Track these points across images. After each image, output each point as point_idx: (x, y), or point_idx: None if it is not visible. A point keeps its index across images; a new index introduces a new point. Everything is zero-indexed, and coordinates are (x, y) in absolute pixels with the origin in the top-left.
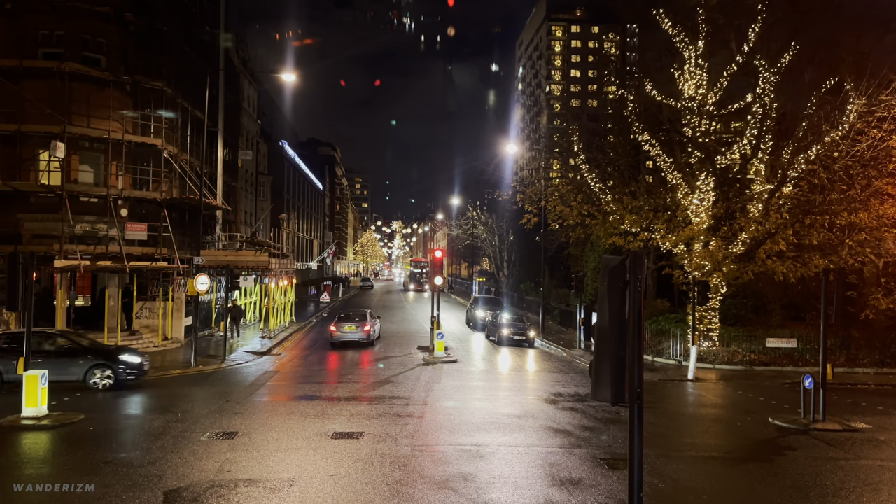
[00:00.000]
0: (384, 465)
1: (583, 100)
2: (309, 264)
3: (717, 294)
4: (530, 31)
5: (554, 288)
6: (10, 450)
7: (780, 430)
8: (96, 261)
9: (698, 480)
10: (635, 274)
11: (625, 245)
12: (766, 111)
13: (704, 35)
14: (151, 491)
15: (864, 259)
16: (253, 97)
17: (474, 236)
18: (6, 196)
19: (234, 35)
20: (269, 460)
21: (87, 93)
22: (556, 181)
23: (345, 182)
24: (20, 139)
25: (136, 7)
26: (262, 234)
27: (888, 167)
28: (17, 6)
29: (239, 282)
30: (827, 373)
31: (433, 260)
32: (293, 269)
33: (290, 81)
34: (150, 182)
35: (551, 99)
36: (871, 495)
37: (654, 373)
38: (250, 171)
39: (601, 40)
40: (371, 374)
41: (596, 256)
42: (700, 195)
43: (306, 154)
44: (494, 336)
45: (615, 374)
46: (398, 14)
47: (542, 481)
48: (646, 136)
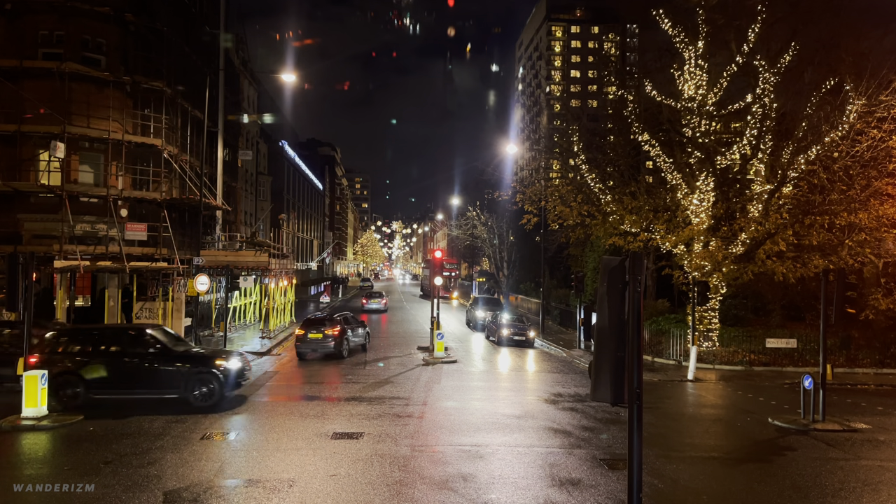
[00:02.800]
0: (384, 465)
1: (583, 100)
2: (309, 264)
3: (717, 294)
4: (530, 32)
5: (554, 288)
6: (10, 450)
7: (779, 431)
8: (96, 261)
9: (698, 481)
10: (635, 274)
11: (625, 245)
12: (765, 111)
13: (704, 35)
14: (151, 491)
15: (864, 259)
16: (253, 97)
17: (474, 236)
18: (6, 196)
19: (234, 35)
20: (269, 460)
21: (87, 93)
22: (555, 181)
23: (345, 182)
24: (20, 139)
25: (136, 7)
26: (262, 235)
27: (888, 167)
28: (17, 6)
29: (239, 282)
30: (827, 373)
31: (433, 260)
32: (293, 270)
33: (290, 81)
34: (150, 182)
35: (551, 99)
36: (870, 496)
37: (654, 373)
38: (250, 171)
39: (601, 40)
40: (371, 375)
41: (596, 257)
42: (700, 195)
43: (306, 154)
44: (494, 336)
45: (615, 375)
46: (398, 14)
47: (541, 481)
48: (646, 137)
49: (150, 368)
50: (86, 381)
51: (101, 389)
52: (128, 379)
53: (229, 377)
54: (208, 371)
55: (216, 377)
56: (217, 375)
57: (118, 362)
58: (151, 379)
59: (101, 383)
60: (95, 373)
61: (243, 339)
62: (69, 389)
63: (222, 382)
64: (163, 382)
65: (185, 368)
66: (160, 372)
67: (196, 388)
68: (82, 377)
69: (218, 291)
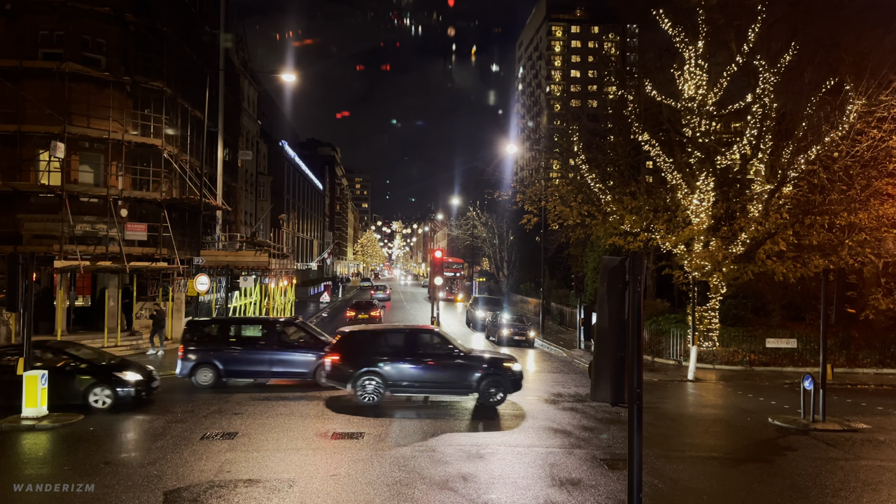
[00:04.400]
0: (384, 465)
1: (583, 100)
2: (309, 264)
3: (717, 294)
4: (530, 32)
5: (554, 288)
6: (10, 450)
7: (779, 431)
8: (96, 261)
9: (698, 480)
10: (635, 274)
11: (625, 245)
12: (766, 111)
13: (704, 35)
14: (151, 491)
15: (864, 259)
16: (253, 97)
17: (474, 236)
18: (6, 196)
19: (234, 35)
20: (269, 460)
21: (87, 93)
22: (556, 181)
23: (345, 182)
24: (20, 139)
25: (136, 7)
26: (262, 235)
27: (888, 167)
28: (17, 6)
29: (239, 282)
30: (827, 373)
31: (433, 260)
32: (293, 270)
33: (290, 81)
34: (150, 182)
35: (551, 99)
36: (870, 496)
37: (654, 373)
38: (250, 171)
39: (601, 40)
40: None
41: (596, 257)
42: (700, 195)
43: (306, 154)
44: (494, 336)
45: (615, 375)
46: (398, 14)
47: (541, 481)
48: (646, 137)
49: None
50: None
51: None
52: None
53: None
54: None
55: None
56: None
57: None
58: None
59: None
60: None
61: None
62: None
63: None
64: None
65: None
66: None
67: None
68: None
69: (218, 291)
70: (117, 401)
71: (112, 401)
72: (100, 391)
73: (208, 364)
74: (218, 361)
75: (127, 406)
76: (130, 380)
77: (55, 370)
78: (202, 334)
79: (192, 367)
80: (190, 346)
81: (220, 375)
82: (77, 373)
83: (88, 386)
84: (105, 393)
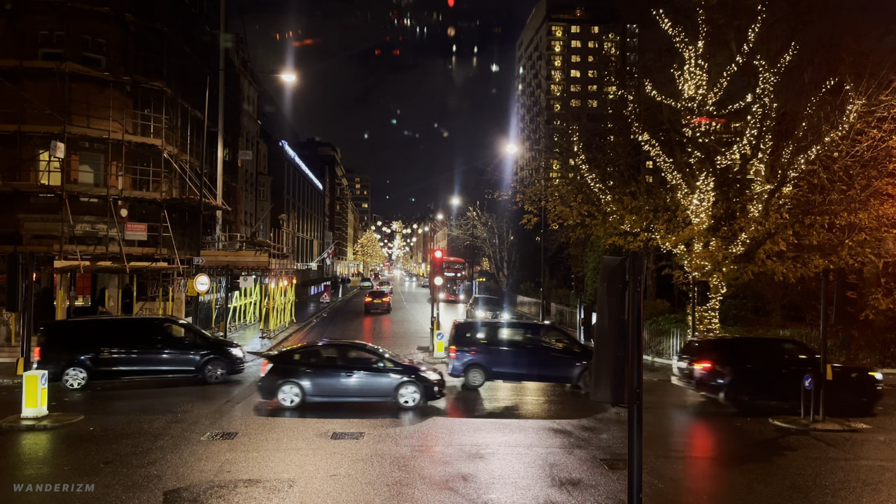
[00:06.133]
0: (384, 465)
1: (583, 100)
2: (309, 264)
3: (717, 294)
4: (530, 32)
5: (554, 288)
6: (10, 450)
7: (779, 431)
8: (96, 261)
9: (698, 480)
10: (635, 274)
11: (625, 245)
12: (765, 111)
13: (704, 35)
14: (151, 491)
15: (864, 259)
16: (253, 97)
17: (474, 236)
18: (6, 196)
19: (234, 35)
20: (269, 460)
21: (87, 93)
22: (555, 181)
23: (345, 182)
24: (20, 139)
25: (136, 7)
26: (262, 235)
27: (888, 167)
28: (17, 6)
29: (239, 282)
30: (827, 373)
31: (433, 260)
32: (293, 270)
33: (290, 81)
34: (150, 182)
35: (551, 99)
36: (870, 495)
37: (654, 373)
38: (250, 171)
39: (601, 40)
40: None
41: (596, 257)
42: (700, 195)
43: (306, 154)
44: None
45: (615, 375)
46: (398, 14)
47: (541, 481)
48: (646, 137)
49: None
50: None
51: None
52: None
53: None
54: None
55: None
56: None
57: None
58: None
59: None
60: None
61: (243, 339)
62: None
63: None
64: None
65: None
66: None
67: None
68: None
69: (218, 291)
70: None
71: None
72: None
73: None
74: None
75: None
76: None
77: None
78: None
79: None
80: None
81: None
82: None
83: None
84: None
